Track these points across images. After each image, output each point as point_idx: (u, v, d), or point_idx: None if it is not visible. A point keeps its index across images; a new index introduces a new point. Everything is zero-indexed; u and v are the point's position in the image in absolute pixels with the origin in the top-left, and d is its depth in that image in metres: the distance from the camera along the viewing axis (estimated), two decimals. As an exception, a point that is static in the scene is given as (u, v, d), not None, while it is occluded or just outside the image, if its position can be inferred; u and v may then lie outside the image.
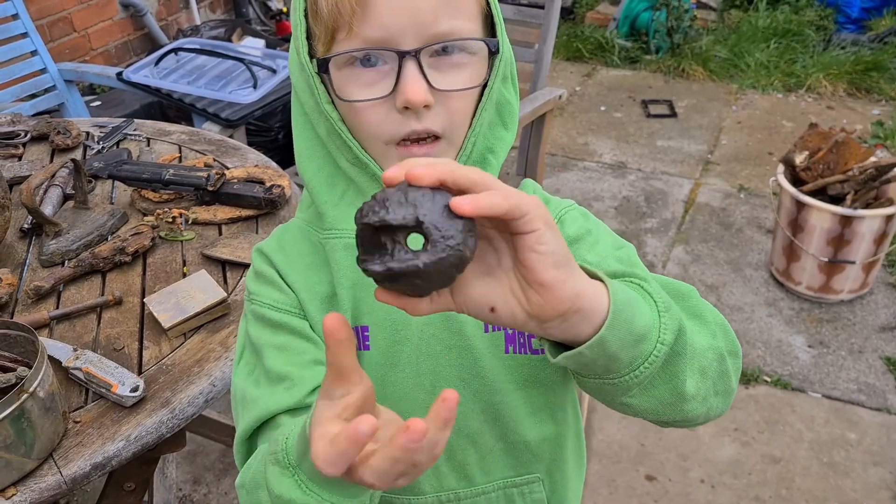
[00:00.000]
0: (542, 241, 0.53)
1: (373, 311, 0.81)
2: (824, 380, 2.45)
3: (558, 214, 0.83)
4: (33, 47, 2.69)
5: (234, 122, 2.41)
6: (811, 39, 4.54)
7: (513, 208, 0.51)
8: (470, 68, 0.72)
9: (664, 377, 0.63)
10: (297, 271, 0.83)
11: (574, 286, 0.55)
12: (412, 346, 0.81)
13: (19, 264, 1.46)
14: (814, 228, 2.59)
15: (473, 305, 0.57)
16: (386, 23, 0.68)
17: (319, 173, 0.79)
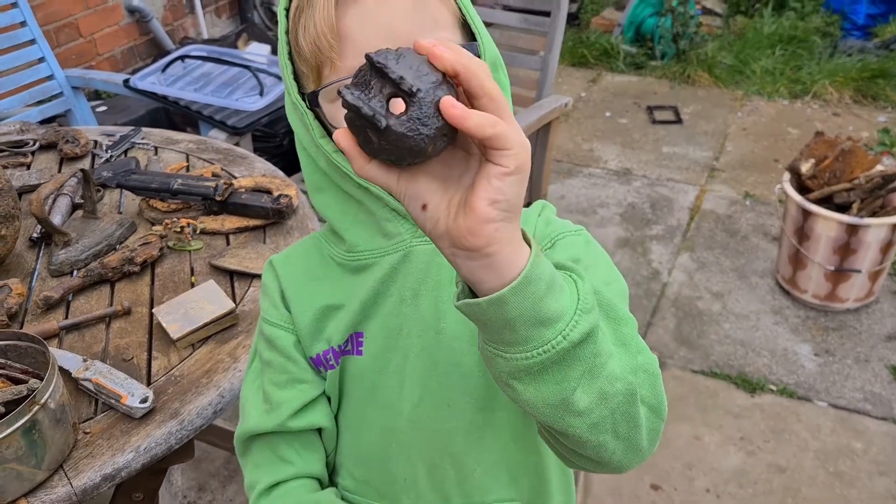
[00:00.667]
0: (501, 179, 0.53)
1: (372, 319, 0.84)
2: (830, 389, 2.45)
3: (556, 238, 0.82)
4: (41, 54, 2.70)
5: (240, 129, 2.42)
6: (817, 46, 4.54)
7: (494, 138, 0.52)
8: None
9: (556, 375, 0.59)
10: (297, 282, 0.88)
11: (498, 232, 0.54)
12: (401, 355, 0.84)
13: (28, 273, 1.47)
14: (820, 237, 2.59)
15: (412, 194, 0.56)
16: (365, 49, 0.68)
17: (331, 202, 0.83)
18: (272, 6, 4.97)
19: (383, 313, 0.83)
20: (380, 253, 0.82)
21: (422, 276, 0.81)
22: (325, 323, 0.86)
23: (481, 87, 0.52)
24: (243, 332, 1.31)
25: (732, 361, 2.57)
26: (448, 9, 0.74)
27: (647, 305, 2.83)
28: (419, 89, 0.52)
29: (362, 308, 0.83)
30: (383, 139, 0.53)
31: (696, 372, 2.53)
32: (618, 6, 5.23)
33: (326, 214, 0.84)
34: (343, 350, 0.85)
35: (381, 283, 0.82)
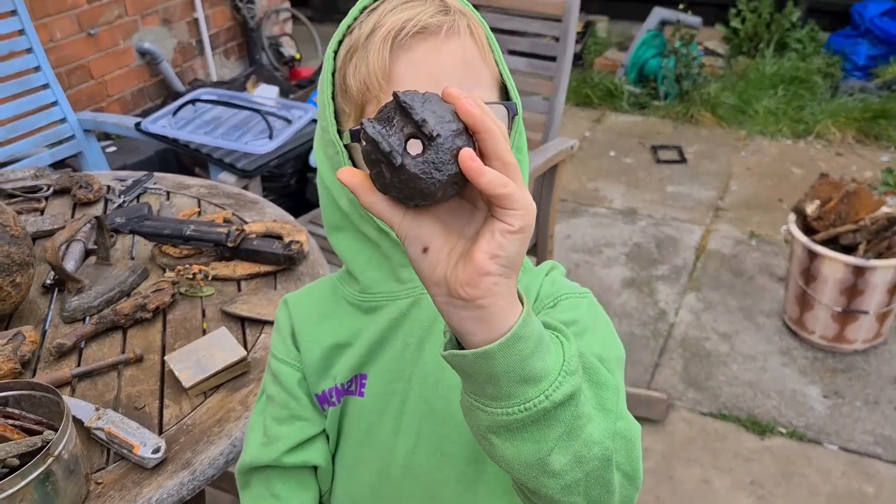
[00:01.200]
0: (504, 236, 0.55)
1: (377, 362, 0.86)
2: (840, 431, 2.43)
3: (560, 298, 0.83)
4: (54, 98, 2.74)
5: (250, 172, 2.45)
6: (819, 86, 4.58)
7: (504, 197, 0.54)
8: None
9: (534, 434, 0.60)
10: (308, 320, 0.91)
11: (495, 286, 0.55)
12: (400, 400, 0.85)
13: (41, 320, 1.48)
14: (826, 278, 2.59)
15: (414, 235, 0.58)
16: None
17: (348, 243, 0.85)
18: (279, 47, 5.04)
19: (388, 357, 0.85)
20: (391, 297, 0.84)
21: (429, 324, 0.83)
22: (332, 361, 0.88)
23: (496, 149, 0.55)
24: (255, 380, 1.31)
25: (741, 403, 2.55)
26: (489, 70, 0.78)
27: (655, 346, 2.82)
28: (439, 135, 0.53)
29: (369, 350, 0.86)
30: (395, 176, 0.54)
31: (704, 414, 2.52)
32: (621, 47, 5.30)
33: (343, 254, 0.86)
34: (346, 389, 0.88)
35: (389, 328, 0.84)
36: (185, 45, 4.53)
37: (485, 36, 0.79)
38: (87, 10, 3.85)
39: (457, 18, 0.76)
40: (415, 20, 0.73)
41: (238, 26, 4.88)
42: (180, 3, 4.40)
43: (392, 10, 0.75)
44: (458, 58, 0.75)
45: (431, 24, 0.74)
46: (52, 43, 3.66)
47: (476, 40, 0.77)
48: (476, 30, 0.77)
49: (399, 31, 0.73)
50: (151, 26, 4.26)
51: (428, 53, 0.74)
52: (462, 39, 0.75)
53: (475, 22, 0.78)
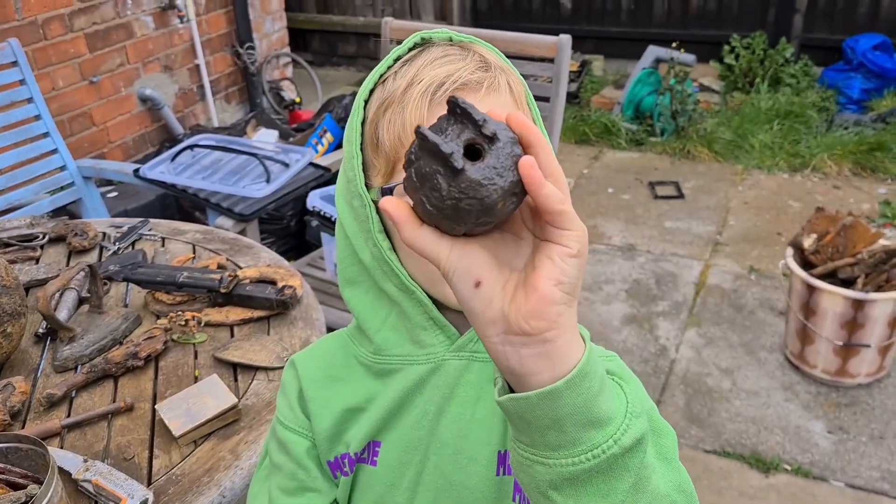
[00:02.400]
0: (565, 260, 0.51)
1: (392, 430, 0.82)
2: (846, 468, 2.40)
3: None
4: (54, 146, 2.78)
5: (247, 216, 2.46)
6: (814, 120, 4.61)
7: (562, 215, 0.51)
8: None
9: (602, 486, 0.54)
10: (318, 382, 0.86)
11: (560, 316, 0.52)
12: (416, 471, 0.81)
13: (33, 370, 1.48)
14: (826, 312, 2.58)
15: (464, 268, 0.53)
16: None
17: (363, 298, 0.81)
18: (280, 91, 5.11)
19: (404, 425, 0.81)
20: (409, 361, 0.80)
21: (449, 392, 0.79)
22: (345, 427, 0.84)
23: (549, 164, 0.52)
24: (245, 428, 1.31)
25: (745, 440, 2.52)
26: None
27: (656, 383, 2.80)
28: (499, 138, 0.51)
29: (384, 417, 0.81)
30: (454, 185, 0.50)
31: (708, 451, 2.49)
32: (617, 85, 5.35)
33: (357, 311, 0.82)
34: (359, 457, 0.83)
35: (407, 394, 0.80)
36: (186, 90, 4.59)
37: (524, 94, 0.77)
38: (90, 59, 3.91)
39: (497, 75, 0.74)
40: (455, 76, 0.71)
41: (239, 71, 4.95)
42: (181, 50, 4.48)
43: (431, 63, 0.73)
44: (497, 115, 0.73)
45: (472, 80, 0.72)
46: (54, 91, 3.72)
47: (515, 98, 0.75)
48: (515, 87, 0.75)
49: (438, 87, 0.71)
50: (153, 73, 4.32)
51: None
52: (501, 96, 0.73)
53: (515, 79, 0.76)
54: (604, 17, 5.74)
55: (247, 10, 4.82)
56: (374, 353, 0.82)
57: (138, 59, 4.21)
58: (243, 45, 4.84)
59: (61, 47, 3.74)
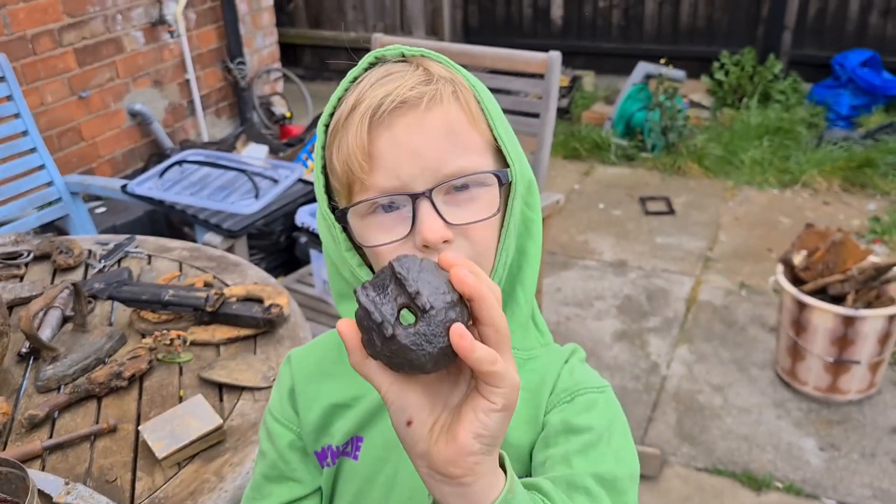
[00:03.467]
0: (489, 415, 0.55)
1: (375, 427, 0.85)
2: (837, 485, 2.39)
3: (577, 392, 0.81)
4: (41, 162, 2.76)
5: (235, 232, 2.44)
6: (803, 136, 4.64)
7: (491, 375, 0.54)
8: (485, 198, 0.74)
9: None
10: (309, 378, 0.90)
11: (477, 465, 0.56)
12: (393, 468, 0.84)
13: (14, 390, 1.45)
14: (817, 328, 2.58)
15: (399, 405, 0.57)
16: (395, 172, 0.71)
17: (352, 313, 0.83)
18: (270, 106, 5.11)
19: (386, 424, 0.83)
20: None
21: None
22: (331, 420, 0.87)
23: (490, 316, 0.55)
24: (230, 450, 1.28)
25: (736, 458, 2.51)
26: (481, 135, 0.75)
27: (647, 400, 2.79)
28: (433, 307, 0.54)
29: (368, 414, 0.84)
30: (386, 346, 0.54)
31: (699, 469, 2.47)
32: (607, 101, 5.37)
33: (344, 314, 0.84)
34: (342, 451, 0.87)
35: None
36: (176, 105, 4.58)
37: (474, 99, 0.76)
38: (79, 74, 3.89)
39: (440, 87, 0.73)
40: (393, 94, 0.71)
41: (229, 86, 4.95)
42: (172, 65, 4.47)
43: (373, 84, 0.73)
44: (440, 127, 0.72)
45: (411, 96, 0.72)
46: (42, 106, 3.70)
47: (463, 105, 0.74)
48: (463, 94, 0.75)
49: (377, 109, 0.71)
50: (143, 88, 4.31)
51: (409, 127, 0.71)
52: (445, 107, 0.73)
53: (463, 87, 0.75)
54: (594, 32, 5.77)
55: (237, 26, 4.83)
56: None
57: (128, 74, 4.20)
58: (234, 60, 4.83)
59: (50, 62, 3.73)
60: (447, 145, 0.72)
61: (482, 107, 0.76)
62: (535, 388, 0.81)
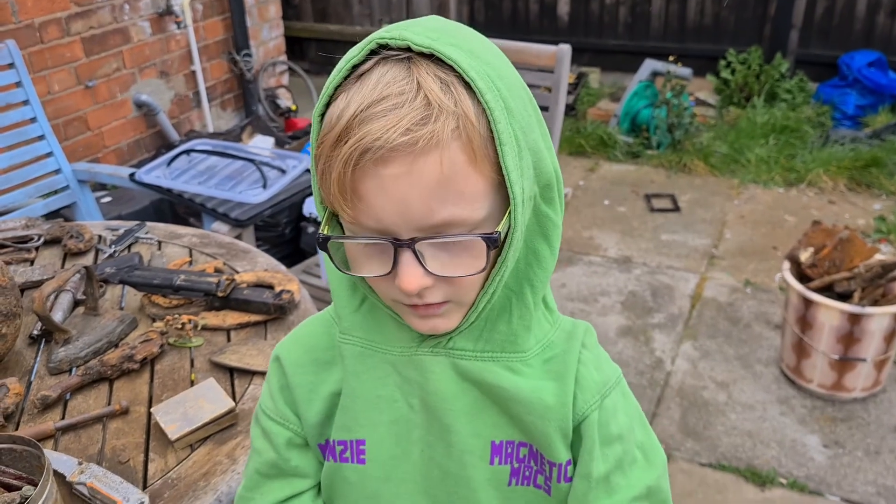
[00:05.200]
0: None
1: (373, 424, 0.82)
2: (842, 482, 2.39)
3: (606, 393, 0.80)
4: (49, 149, 2.76)
5: (243, 221, 2.44)
6: (809, 136, 4.63)
7: None
8: (472, 250, 0.69)
9: None
10: (303, 367, 0.87)
11: None
12: (411, 465, 0.82)
13: (27, 371, 1.46)
14: (823, 326, 2.58)
15: None
16: (379, 216, 0.67)
17: (344, 279, 0.82)
18: (276, 99, 5.10)
19: (387, 420, 0.82)
20: (380, 349, 0.81)
21: (426, 386, 0.80)
22: (334, 411, 0.85)
23: None
24: (243, 433, 1.29)
25: (740, 454, 2.51)
26: (481, 174, 0.67)
27: (652, 395, 2.79)
28: None
29: (356, 398, 0.82)
30: None
31: (703, 465, 2.48)
32: (613, 98, 5.37)
33: (335, 287, 0.83)
34: (340, 456, 0.84)
35: (383, 385, 0.81)
36: (182, 96, 4.58)
37: (482, 131, 0.66)
38: (86, 63, 3.89)
39: (438, 126, 0.64)
40: (383, 139, 0.63)
41: (235, 78, 4.95)
42: (178, 56, 4.47)
43: (367, 107, 0.64)
44: (431, 177, 0.64)
45: (402, 143, 0.63)
46: (49, 95, 3.70)
47: (464, 143, 0.65)
48: (468, 131, 0.65)
49: (363, 153, 0.64)
50: (149, 79, 4.31)
51: (396, 177, 0.64)
52: (441, 151, 0.64)
53: (469, 120, 0.65)
54: (601, 29, 5.77)
55: (244, 18, 4.82)
56: (344, 333, 0.82)
57: (134, 64, 4.20)
58: (240, 52, 4.83)
59: (58, 51, 3.73)
60: (438, 195, 0.65)
61: (495, 135, 0.66)
62: (559, 384, 0.79)
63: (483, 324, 0.78)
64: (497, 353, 0.78)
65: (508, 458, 0.81)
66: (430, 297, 0.72)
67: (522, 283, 0.77)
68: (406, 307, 0.74)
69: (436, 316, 0.74)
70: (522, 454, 0.81)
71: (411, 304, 0.73)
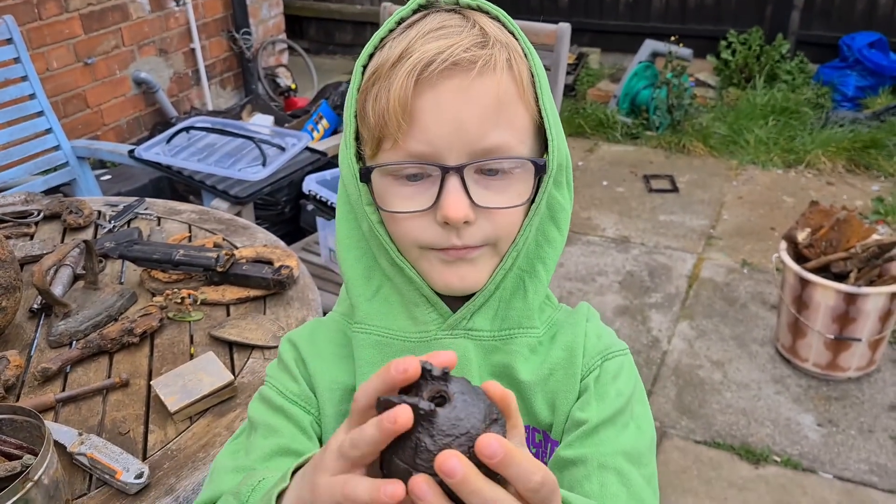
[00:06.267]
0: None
1: None
2: (835, 460, 2.42)
3: (607, 355, 0.80)
4: (48, 125, 2.76)
5: (242, 199, 2.45)
6: (809, 117, 4.63)
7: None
8: (516, 184, 0.71)
9: None
10: (323, 360, 0.83)
11: None
12: None
13: (27, 345, 1.47)
14: (819, 305, 2.59)
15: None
16: (431, 138, 0.68)
17: (357, 265, 0.79)
18: (275, 78, 5.09)
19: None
20: (401, 336, 0.78)
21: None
22: (348, 407, 0.80)
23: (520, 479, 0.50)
24: (241, 405, 1.30)
25: (735, 431, 2.54)
26: (527, 110, 0.71)
27: (648, 374, 2.81)
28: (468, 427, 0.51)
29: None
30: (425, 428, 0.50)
31: (698, 442, 2.50)
32: (613, 78, 5.35)
33: (349, 275, 0.79)
34: None
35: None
36: (181, 74, 4.56)
37: (527, 72, 0.71)
38: (84, 40, 3.88)
39: (495, 52, 0.68)
40: (446, 53, 0.66)
41: (234, 57, 4.93)
42: (177, 33, 4.45)
43: (425, 35, 0.68)
44: (488, 98, 0.68)
45: (464, 58, 0.67)
46: (48, 72, 3.69)
47: (515, 75, 0.69)
48: (517, 65, 0.70)
49: (427, 66, 0.66)
50: (148, 56, 4.30)
51: (455, 93, 0.67)
52: (496, 76, 0.68)
53: (518, 55, 0.70)
54: (601, 10, 5.73)
55: (243, -5, 4.80)
56: (358, 323, 0.79)
57: (133, 41, 4.18)
58: (239, 31, 4.81)
59: (56, 27, 3.71)
60: (491, 118, 0.68)
61: (534, 78, 0.71)
62: (568, 356, 0.80)
63: (497, 303, 0.77)
64: (514, 329, 0.78)
65: (526, 443, 0.79)
66: (469, 236, 0.71)
67: (534, 263, 0.78)
68: (437, 253, 0.72)
69: (466, 263, 0.73)
70: (538, 440, 0.81)
71: (446, 248, 0.71)
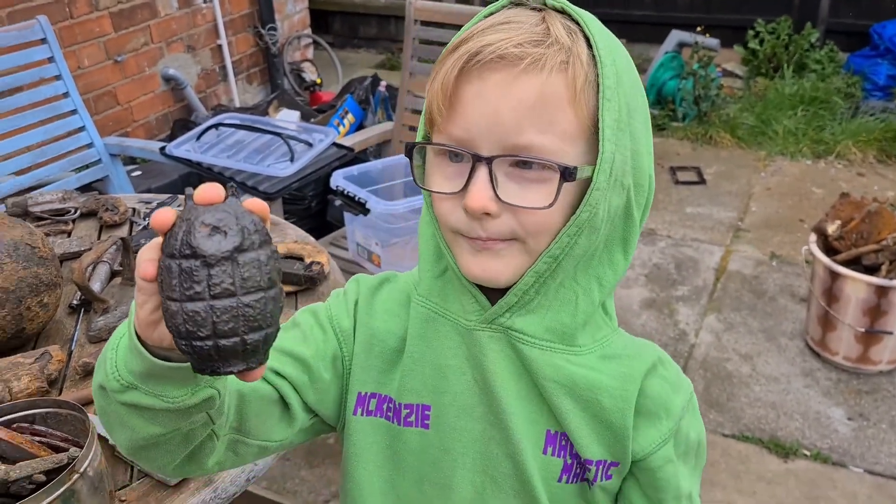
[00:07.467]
0: None
1: (439, 392, 0.82)
2: (865, 454, 2.40)
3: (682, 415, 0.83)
4: (81, 123, 2.81)
5: (271, 194, 2.48)
6: (838, 107, 4.56)
7: None
8: (549, 186, 0.70)
9: None
10: (374, 311, 0.85)
11: None
12: (471, 440, 0.82)
13: (68, 340, 1.51)
14: (849, 298, 2.57)
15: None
16: (468, 125, 0.70)
17: (430, 242, 0.81)
18: (301, 73, 5.12)
19: (455, 390, 0.81)
20: (452, 317, 0.81)
21: (485, 364, 0.79)
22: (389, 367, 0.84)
23: None
24: (276, 399, 1.33)
25: (764, 425, 2.53)
26: (577, 118, 0.69)
27: (675, 367, 2.80)
28: None
29: (434, 376, 0.81)
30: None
31: (727, 436, 2.50)
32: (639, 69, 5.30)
33: (422, 249, 0.83)
34: (404, 420, 0.83)
35: (453, 355, 0.81)
36: (208, 71, 4.61)
37: (592, 78, 0.69)
38: (114, 38, 3.94)
39: (549, 52, 0.68)
40: (495, 46, 0.68)
41: (260, 52, 4.97)
42: (204, 30, 4.49)
43: (490, 27, 0.70)
44: (529, 96, 0.68)
45: (511, 53, 0.67)
46: (79, 70, 3.75)
47: (568, 79, 0.68)
48: (574, 69, 0.68)
49: (473, 56, 0.68)
50: (176, 53, 4.35)
51: (498, 85, 0.68)
52: (545, 76, 0.67)
53: (579, 60, 0.69)
54: (627, 0, 5.69)
55: (269, -9, 4.84)
56: (421, 295, 0.83)
57: (162, 38, 4.23)
58: (265, 26, 4.85)
59: (87, 26, 3.77)
60: (530, 116, 0.68)
61: (600, 89, 0.69)
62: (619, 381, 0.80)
63: (546, 312, 0.77)
64: (556, 343, 0.78)
65: (562, 452, 0.80)
66: (494, 227, 0.71)
67: (591, 280, 0.77)
68: (464, 240, 0.74)
69: (491, 254, 0.73)
70: (563, 443, 0.82)
71: (472, 237, 0.73)
